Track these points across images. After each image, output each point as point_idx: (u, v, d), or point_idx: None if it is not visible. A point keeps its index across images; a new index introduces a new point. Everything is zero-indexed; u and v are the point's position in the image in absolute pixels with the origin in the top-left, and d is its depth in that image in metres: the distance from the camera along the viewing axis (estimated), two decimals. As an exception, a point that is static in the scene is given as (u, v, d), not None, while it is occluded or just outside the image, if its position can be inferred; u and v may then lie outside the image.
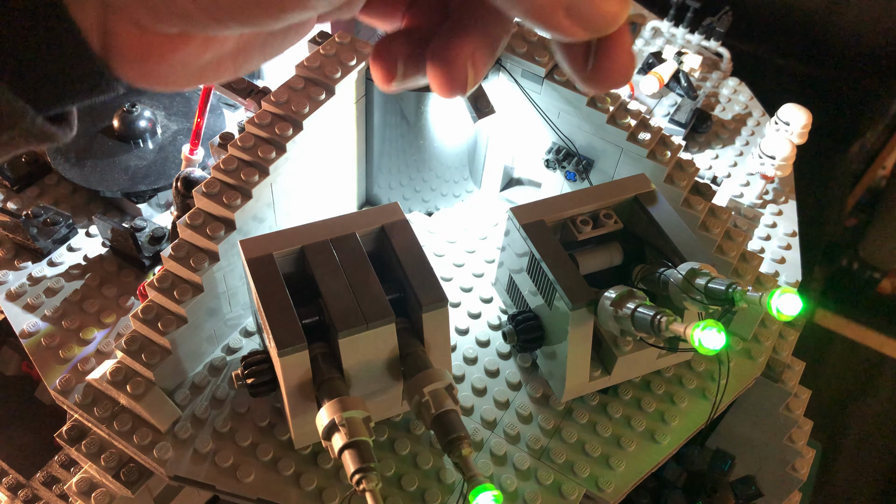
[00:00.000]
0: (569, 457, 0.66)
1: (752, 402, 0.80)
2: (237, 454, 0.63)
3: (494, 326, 0.75)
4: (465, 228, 0.83)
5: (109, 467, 0.64)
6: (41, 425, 0.83)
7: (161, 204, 0.83)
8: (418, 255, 0.61)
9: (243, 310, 0.71)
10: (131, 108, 0.84)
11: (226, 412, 0.65)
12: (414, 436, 0.66)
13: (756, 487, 0.75)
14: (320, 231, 0.62)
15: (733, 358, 0.74)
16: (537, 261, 0.65)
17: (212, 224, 0.63)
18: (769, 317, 0.76)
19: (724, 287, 0.54)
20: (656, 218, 0.67)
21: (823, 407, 1.49)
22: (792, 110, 0.93)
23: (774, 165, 0.91)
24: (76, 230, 0.80)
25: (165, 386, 0.65)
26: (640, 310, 0.55)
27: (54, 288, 0.74)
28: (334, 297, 0.58)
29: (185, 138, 0.85)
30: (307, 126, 0.67)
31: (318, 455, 0.64)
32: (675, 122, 0.97)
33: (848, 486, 1.41)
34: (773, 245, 0.89)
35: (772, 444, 0.81)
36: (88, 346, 0.70)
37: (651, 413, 0.69)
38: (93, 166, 0.82)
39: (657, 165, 0.73)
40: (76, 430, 0.67)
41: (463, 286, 0.78)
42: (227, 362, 0.69)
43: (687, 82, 1.02)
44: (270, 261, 0.59)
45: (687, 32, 1.14)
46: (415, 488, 0.63)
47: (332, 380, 0.56)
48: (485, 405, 0.69)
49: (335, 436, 0.51)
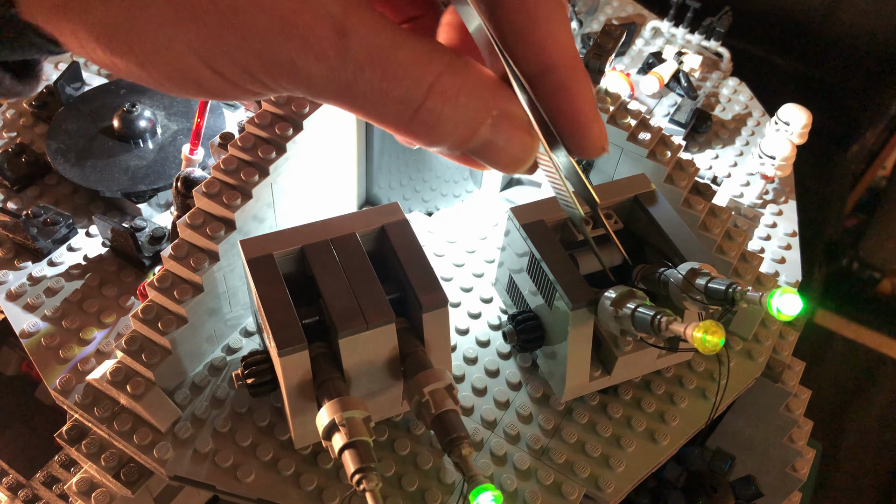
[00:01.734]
0: (569, 457, 0.66)
1: (752, 402, 0.80)
2: (237, 454, 0.63)
3: (494, 326, 0.75)
4: (465, 228, 0.83)
5: (109, 467, 0.64)
6: (41, 425, 0.83)
7: (161, 204, 0.83)
8: (418, 255, 0.61)
9: (243, 310, 0.71)
10: (131, 108, 0.84)
11: (226, 412, 0.66)
12: (414, 436, 0.66)
13: (756, 487, 0.75)
14: (320, 231, 0.62)
15: (733, 358, 0.74)
16: (537, 261, 0.65)
17: (212, 224, 0.63)
18: (769, 317, 0.76)
19: (724, 287, 0.54)
20: (656, 218, 0.67)
21: (823, 407, 1.49)
22: (792, 110, 0.93)
23: (774, 165, 0.91)
24: (76, 230, 0.80)
25: (165, 386, 0.65)
26: (640, 310, 0.55)
27: (54, 288, 0.74)
28: (334, 297, 0.58)
29: (185, 138, 0.85)
30: (307, 126, 0.67)
31: (318, 455, 0.64)
32: (675, 122, 0.97)
33: (848, 486, 1.41)
34: (773, 245, 0.89)
35: (772, 444, 0.81)
36: (88, 346, 0.70)
37: (651, 413, 0.69)
38: (93, 166, 0.82)
39: (657, 165, 0.73)
40: (76, 430, 0.67)
41: (463, 286, 0.78)
42: (227, 362, 0.69)
43: (687, 82, 1.02)
44: (270, 261, 0.59)
45: (687, 32, 1.14)
46: (415, 488, 0.63)
47: (332, 380, 0.56)
48: (485, 405, 0.69)
49: (335, 436, 0.51)
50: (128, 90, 0.90)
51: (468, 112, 0.33)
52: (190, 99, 0.90)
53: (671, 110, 0.98)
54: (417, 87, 0.31)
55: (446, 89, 0.32)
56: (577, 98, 0.35)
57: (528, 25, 0.34)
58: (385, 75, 0.31)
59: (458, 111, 0.32)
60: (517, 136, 0.35)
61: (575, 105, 0.35)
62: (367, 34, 0.30)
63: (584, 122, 0.36)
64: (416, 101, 0.32)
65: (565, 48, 0.35)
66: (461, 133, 0.33)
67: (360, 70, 0.31)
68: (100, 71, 0.97)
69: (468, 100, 0.33)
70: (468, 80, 0.33)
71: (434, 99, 0.32)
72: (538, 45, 0.34)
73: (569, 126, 0.36)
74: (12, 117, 0.91)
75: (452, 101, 0.32)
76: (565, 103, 0.35)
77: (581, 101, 0.35)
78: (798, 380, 0.78)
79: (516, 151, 0.35)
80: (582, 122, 0.36)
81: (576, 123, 0.36)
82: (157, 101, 0.89)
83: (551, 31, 0.34)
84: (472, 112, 0.33)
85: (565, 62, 0.35)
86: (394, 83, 0.31)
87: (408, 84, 0.31)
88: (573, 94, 0.35)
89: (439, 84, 0.32)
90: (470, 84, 0.33)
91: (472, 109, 0.33)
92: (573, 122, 0.36)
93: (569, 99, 0.35)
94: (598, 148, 0.37)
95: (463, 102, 0.32)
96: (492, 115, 0.33)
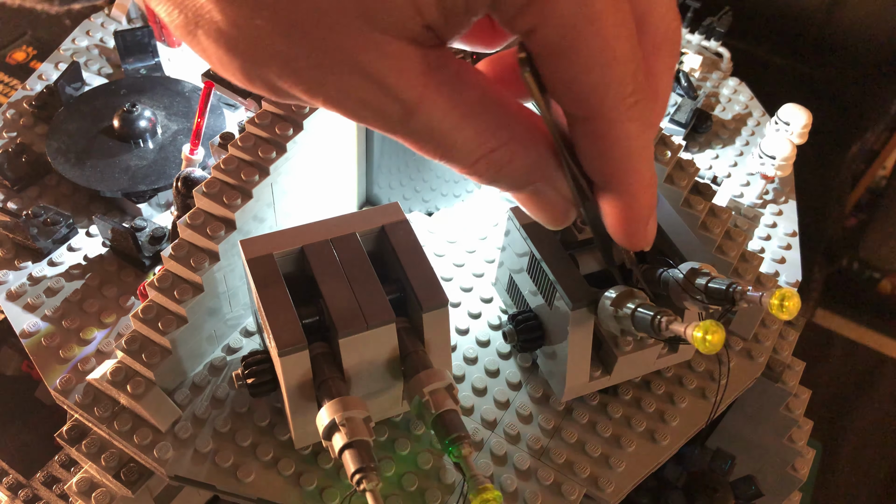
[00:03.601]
0: (569, 457, 0.66)
1: (752, 402, 0.80)
2: (237, 454, 0.63)
3: (494, 326, 0.75)
4: (465, 228, 0.83)
5: (109, 467, 0.64)
6: (41, 425, 0.83)
7: (161, 204, 0.83)
8: (418, 255, 0.61)
9: (243, 310, 0.71)
10: (131, 108, 0.84)
11: (226, 412, 0.66)
12: (414, 436, 0.66)
13: (756, 487, 0.75)
14: (320, 231, 0.62)
15: (733, 358, 0.74)
16: (537, 261, 0.65)
17: (212, 224, 0.63)
18: (769, 317, 0.76)
19: (724, 287, 0.54)
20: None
21: (823, 407, 1.49)
22: (792, 110, 0.93)
23: (774, 165, 0.91)
24: (76, 230, 0.80)
25: (165, 386, 0.65)
26: (640, 310, 0.55)
27: (54, 288, 0.74)
28: (334, 297, 0.58)
29: (185, 138, 0.85)
30: (307, 126, 0.67)
31: (318, 455, 0.64)
32: (675, 122, 0.97)
33: (848, 486, 1.41)
34: (773, 245, 0.89)
35: (772, 444, 0.81)
36: (88, 346, 0.70)
37: (651, 413, 0.69)
38: (93, 166, 0.82)
39: (657, 165, 0.73)
40: (76, 430, 0.67)
41: (463, 286, 0.78)
42: (228, 362, 0.69)
43: (687, 82, 1.02)
44: (270, 261, 0.59)
45: (687, 32, 1.14)
46: (415, 488, 0.63)
47: (332, 380, 0.56)
48: (485, 405, 0.69)
49: (335, 436, 0.51)
50: (128, 90, 0.90)
51: (511, 180, 0.37)
52: (193, 98, 0.90)
53: (671, 110, 0.98)
54: (467, 158, 0.36)
55: (494, 161, 0.36)
56: (631, 210, 0.39)
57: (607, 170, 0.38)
58: (437, 150, 0.36)
59: (502, 178, 0.37)
60: (549, 210, 0.39)
61: (625, 213, 0.39)
62: (433, 116, 0.34)
63: (632, 231, 0.40)
64: (464, 166, 0.36)
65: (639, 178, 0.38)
66: (505, 189, 0.38)
67: (419, 139, 0.35)
68: (100, 71, 0.97)
69: (511, 172, 0.37)
70: (522, 151, 0.36)
71: (481, 165, 0.36)
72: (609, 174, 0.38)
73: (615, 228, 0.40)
74: (12, 117, 0.91)
75: (496, 169, 0.36)
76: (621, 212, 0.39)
77: (635, 213, 0.39)
78: (798, 380, 0.78)
79: (548, 220, 0.40)
80: (630, 232, 0.40)
81: (624, 232, 0.40)
82: (157, 101, 0.89)
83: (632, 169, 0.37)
84: (514, 181, 0.37)
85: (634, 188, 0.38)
86: (446, 157, 0.36)
87: (458, 157, 0.35)
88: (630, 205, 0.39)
89: (490, 157, 0.35)
90: (518, 160, 0.36)
91: (515, 179, 0.37)
92: (621, 230, 0.40)
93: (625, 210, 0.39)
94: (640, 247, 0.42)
95: (505, 174, 0.36)
96: (531, 187, 0.38)
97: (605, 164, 0.36)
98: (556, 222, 0.40)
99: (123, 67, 0.95)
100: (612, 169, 0.36)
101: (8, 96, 1.15)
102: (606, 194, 0.38)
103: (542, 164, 0.37)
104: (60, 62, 0.98)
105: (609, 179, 0.37)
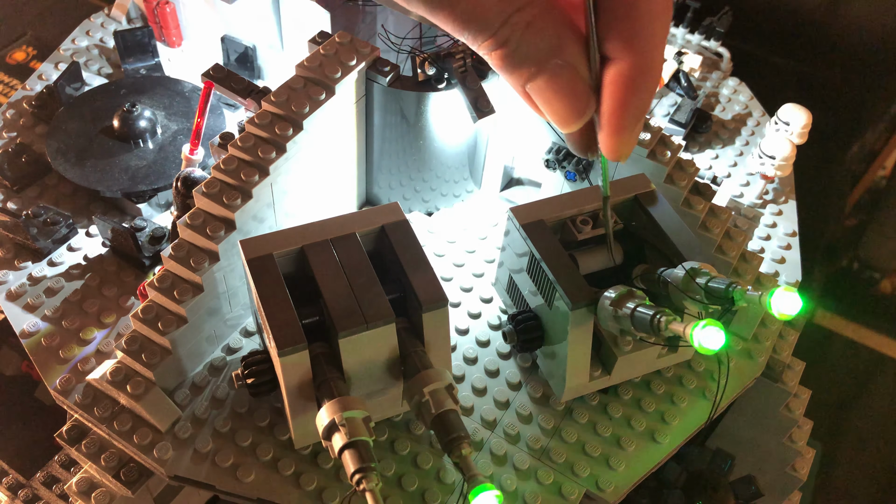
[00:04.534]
0: (569, 457, 0.66)
1: (752, 402, 0.80)
2: (237, 454, 0.63)
3: (494, 326, 0.75)
4: (465, 228, 0.83)
5: (109, 467, 0.64)
6: (41, 425, 0.83)
7: (161, 204, 0.83)
8: (418, 255, 0.61)
9: (243, 310, 0.71)
10: (131, 108, 0.84)
11: (226, 412, 0.66)
12: (414, 436, 0.66)
13: (756, 487, 0.75)
14: (320, 231, 0.62)
15: (733, 358, 0.74)
16: (537, 261, 0.65)
17: (212, 224, 0.63)
18: (769, 317, 0.76)
19: (723, 286, 0.54)
20: (656, 218, 0.67)
21: (823, 407, 1.49)
22: (792, 110, 0.93)
23: (774, 165, 0.91)
24: (76, 230, 0.80)
25: (165, 386, 0.65)
26: (639, 309, 0.55)
27: (54, 288, 0.74)
28: (334, 297, 0.58)
29: (185, 138, 0.85)
30: (307, 126, 0.67)
31: (318, 455, 0.64)
32: (675, 122, 0.97)
33: (848, 486, 1.41)
34: (773, 245, 0.89)
35: (772, 444, 0.81)
36: (88, 346, 0.70)
37: (651, 413, 0.69)
38: (93, 166, 0.82)
39: (657, 165, 0.73)
40: (76, 430, 0.67)
41: (463, 286, 0.78)
42: (227, 362, 0.69)
43: (687, 82, 1.02)
44: (270, 261, 0.59)
45: (687, 32, 1.14)
46: (415, 488, 0.63)
47: (332, 380, 0.56)
48: (485, 405, 0.69)
49: (335, 436, 0.51)
50: (128, 90, 0.90)
51: (533, 50, 0.36)
52: (193, 98, 0.90)
53: (671, 110, 0.98)
54: (491, 25, 0.35)
55: (516, 25, 0.36)
56: (627, 101, 0.39)
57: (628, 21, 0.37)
58: (462, 17, 0.36)
59: (524, 46, 0.36)
60: (570, 95, 0.38)
61: (618, 108, 0.39)
62: None
63: (619, 126, 0.39)
64: (489, 34, 0.36)
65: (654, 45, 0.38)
66: (526, 67, 0.37)
67: (445, 5, 0.35)
68: (100, 71, 0.97)
69: (536, 38, 0.36)
70: (542, 18, 0.36)
71: (505, 30, 0.36)
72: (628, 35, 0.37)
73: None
74: (12, 117, 0.91)
75: (519, 32, 0.36)
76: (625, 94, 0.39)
77: (628, 102, 0.39)
78: (798, 380, 0.78)
79: (567, 109, 0.38)
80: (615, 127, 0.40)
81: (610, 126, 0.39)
82: (157, 101, 0.89)
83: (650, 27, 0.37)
84: (537, 52, 0.37)
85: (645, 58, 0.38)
86: (469, 24, 0.36)
87: (482, 25, 0.36)
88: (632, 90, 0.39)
89: (511, 21, 0.35)
90: (543, 23, 0.36)
91: (538, 49, 0.36)
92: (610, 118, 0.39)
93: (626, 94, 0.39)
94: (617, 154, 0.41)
95: (528, 39, 0.36)
96: (555, 62, 0.37)
97: (627, 23, 0.37)
98: (575, 112, 0.39)
99: (123, 67, 0.95)
100: (637, 26, 0.37)
101: (8, 96, 1.15)
102: (620, 54, 0.37)
103: (564, 41, 0.37)
104: (60, 62, 0.98)
105: (628, 36, 0.37)
